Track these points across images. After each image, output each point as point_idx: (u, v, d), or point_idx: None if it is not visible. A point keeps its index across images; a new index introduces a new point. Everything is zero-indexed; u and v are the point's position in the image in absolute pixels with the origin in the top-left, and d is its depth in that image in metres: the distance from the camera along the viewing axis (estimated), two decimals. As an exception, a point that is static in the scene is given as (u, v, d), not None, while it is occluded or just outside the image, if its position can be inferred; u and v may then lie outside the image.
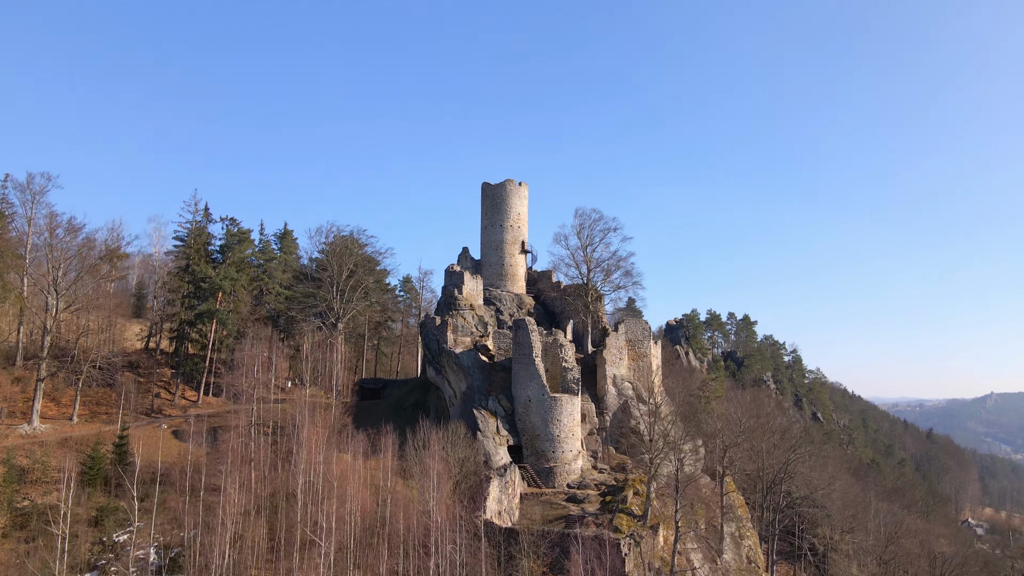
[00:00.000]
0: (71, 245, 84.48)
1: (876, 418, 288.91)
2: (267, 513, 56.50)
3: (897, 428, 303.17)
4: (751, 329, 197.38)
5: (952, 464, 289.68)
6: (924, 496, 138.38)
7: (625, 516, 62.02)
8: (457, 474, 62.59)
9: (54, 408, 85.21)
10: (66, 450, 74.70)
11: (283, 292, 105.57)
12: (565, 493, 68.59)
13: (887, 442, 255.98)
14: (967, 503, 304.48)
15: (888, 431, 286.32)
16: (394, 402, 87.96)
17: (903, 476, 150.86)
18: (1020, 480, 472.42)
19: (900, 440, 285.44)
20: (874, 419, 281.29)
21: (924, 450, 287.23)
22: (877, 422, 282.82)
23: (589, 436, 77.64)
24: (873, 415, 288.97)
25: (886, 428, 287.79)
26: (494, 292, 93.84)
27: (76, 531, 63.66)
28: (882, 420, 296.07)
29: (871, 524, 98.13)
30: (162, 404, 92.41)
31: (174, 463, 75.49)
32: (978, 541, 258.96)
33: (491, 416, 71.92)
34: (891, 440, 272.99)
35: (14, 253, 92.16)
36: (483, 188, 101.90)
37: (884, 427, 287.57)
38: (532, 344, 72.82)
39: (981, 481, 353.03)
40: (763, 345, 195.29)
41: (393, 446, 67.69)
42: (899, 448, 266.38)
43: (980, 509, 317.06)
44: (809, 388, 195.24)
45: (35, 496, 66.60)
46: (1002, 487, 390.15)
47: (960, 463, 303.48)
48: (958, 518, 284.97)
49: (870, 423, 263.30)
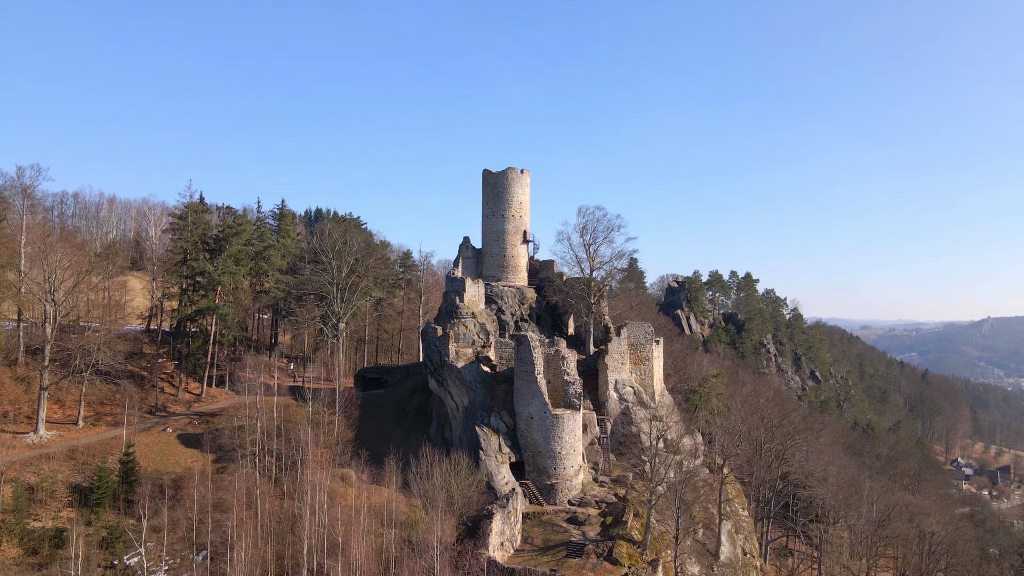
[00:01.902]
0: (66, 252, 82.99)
1: (873, 360, 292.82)
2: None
3: (893, 370, 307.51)
4: (752, 287, 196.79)
5: (945, 405, 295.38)
6: (917, 465, 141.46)
7: (625, 544, 63.21)
8: (460, 504, 63.53)
9: (59, 411, 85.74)
10: (74, 463, 75.74)
11: (282, 280, 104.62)
12: (566, 511, 69.75)
13: (883, 387, 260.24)
14: (958, 441, 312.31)
15: (884, 374, 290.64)
16: (396, 403, 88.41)
17: (897, 445, 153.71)
18: (1011, 409, 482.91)
19: (896, 383, 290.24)
20: (871, 362, 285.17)
21: (919, 391, 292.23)
22: (874, 365, 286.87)
23: (590, 446, 78.40)
24: (870, 357, 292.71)
25: (882, 371, 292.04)
26: (495, 288, 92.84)
27: (88, 554, 65.17)
28: (879, 362, 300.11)
29: (864, 509, 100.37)
30: (166, 400, 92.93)
31: (182, 475, 76.75)
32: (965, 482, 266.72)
33: (493, 434, 72.39)
34: (887, 384, 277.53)
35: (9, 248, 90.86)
36: (484, 176, 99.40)
37: (881, 370, 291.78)
38: (534, 361, 72.52)
39: (972, 415, 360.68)
40: (764, 304, 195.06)
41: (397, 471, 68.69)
42: (894, 392, 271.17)
43: (971, 446, 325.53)
44: (808, 346, 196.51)
45: (45, 517, 67.88)
46: (992, 420, 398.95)
47: (953, 403, 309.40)
48: (949, 458, 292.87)
49: (867, 368, 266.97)
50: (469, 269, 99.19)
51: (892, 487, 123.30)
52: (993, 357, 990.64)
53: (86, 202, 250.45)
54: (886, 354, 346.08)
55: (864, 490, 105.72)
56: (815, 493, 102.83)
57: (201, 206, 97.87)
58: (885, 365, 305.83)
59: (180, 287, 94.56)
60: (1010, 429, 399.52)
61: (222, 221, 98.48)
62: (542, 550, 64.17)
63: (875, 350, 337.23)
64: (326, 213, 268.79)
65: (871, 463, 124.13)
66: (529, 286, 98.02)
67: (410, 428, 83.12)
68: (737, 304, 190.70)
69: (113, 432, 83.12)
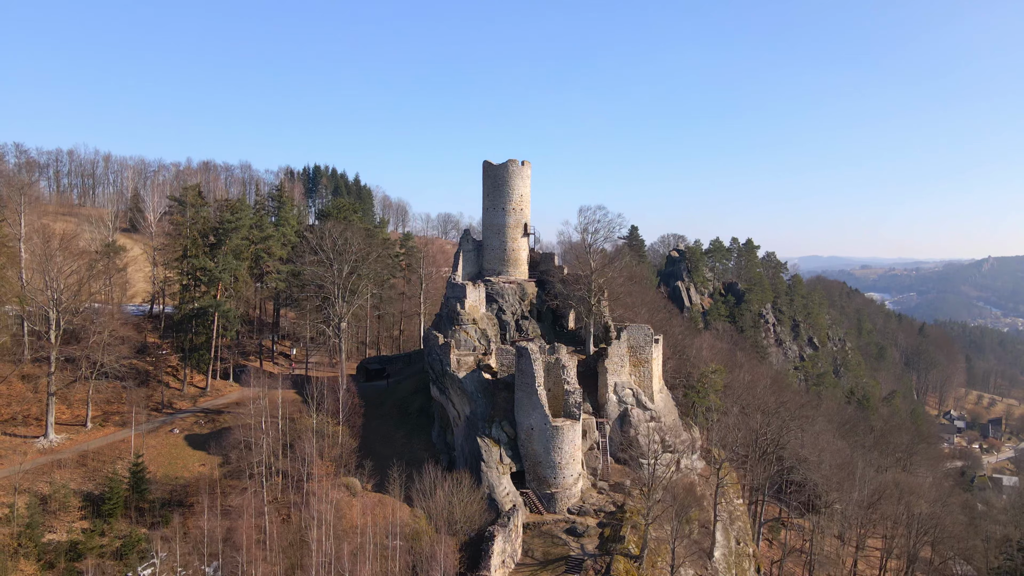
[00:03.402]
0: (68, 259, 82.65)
1: (872, 315, 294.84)
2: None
3: (891, 324, 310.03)
4: (753, 254, 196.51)
5: (941, 357, 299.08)
6: (909, 438, 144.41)
7: (623, 560, 65.34)
8: (462, 520, 65.44)
9: (67, 411, 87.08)
10: (85, 470, 77.49)
11: (283, 269, 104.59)
12: (566, 521, 71.80)
13: (880, 343, 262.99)
14: (952, 393, 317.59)
15: (882, 328, 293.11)
16: (399, 402, 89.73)
17: (892, 418, 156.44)
18: (1006, 354, 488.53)
19: (893, 337, 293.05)
20: (869, 317, 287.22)
21: (915, 345, 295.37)
22: (872, 320, 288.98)
23: (589, 452, 79.96)
24: (869, 312, 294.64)
25: (880, 326, 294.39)
26: (495, 285, 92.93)
27: (102, 567, 67.55)
28: (877, 316, 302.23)
29: (855, 493, 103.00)
30: (171, 395, 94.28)
31: (191, 481, 78.62)
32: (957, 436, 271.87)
33: (494, 445, 73.82)
34: (884, 339, 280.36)
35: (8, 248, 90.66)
36: (484, 167, 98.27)
37: (879, 324, 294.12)
38: (535, 374, 73.31)
39: (968, 364, 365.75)
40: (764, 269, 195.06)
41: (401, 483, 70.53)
42: (891, 347, 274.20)
43: (964, 397, 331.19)
44: (807, 313, 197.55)
45: (60, 529, 69.91)
46: (987, 367, 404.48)
47: (949, 355, 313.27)
48: (942, 410, 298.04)
49: (865, 324, 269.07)
50: (470, 262, 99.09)
51: (884, 464, 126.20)
52: (991, 297, 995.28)
53: (81, 160, 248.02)
54: (885, 305, 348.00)
55: (856, 473, 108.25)
56: (808, 477, 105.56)
57: (200, 200, 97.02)
58: (883, 319, 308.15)
59: (180, 283, 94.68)
60: (1004, 376, 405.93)
61: (220, 215, 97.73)
62: (542, 564, 66.36)
63: (874, 303, 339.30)
64: (324, 171, 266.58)
65: (864, 440, 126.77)
66: (530, 279, 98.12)
67: (413, 430, 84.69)
68: (738, 272, 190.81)
69: (121, 434, 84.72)
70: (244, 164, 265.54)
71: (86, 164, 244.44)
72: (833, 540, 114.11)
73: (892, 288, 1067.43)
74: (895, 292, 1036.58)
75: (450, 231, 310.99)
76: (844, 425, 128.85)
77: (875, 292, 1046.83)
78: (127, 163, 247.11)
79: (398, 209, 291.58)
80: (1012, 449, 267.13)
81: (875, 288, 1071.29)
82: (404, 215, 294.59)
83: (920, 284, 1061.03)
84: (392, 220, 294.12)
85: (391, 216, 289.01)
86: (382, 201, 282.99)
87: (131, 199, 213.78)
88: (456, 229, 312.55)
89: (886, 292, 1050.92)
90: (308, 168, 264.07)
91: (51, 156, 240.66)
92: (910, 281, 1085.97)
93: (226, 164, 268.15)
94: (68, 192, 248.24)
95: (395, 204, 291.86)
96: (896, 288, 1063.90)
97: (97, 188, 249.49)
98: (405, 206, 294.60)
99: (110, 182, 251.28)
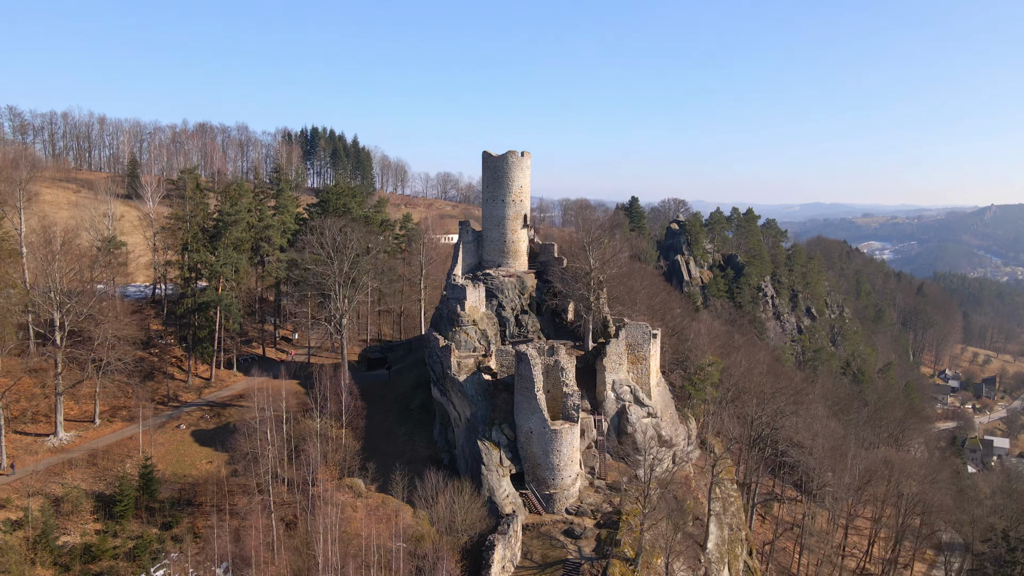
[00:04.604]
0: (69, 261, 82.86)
1: (871, 275, 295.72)
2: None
3: (890, 284, 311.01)
4: (753, 224, 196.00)
5: (938, 317, 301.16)
6: (903, 414, 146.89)
7: (619, 564, 67.67)
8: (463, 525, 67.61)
9: (75, 407, 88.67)
10: (95, 469, 79.44)
11: (283, 258, 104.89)
12: (564, 521, 74.00)
13: (878, 306, 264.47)
14: (947, 351, 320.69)
15: (881, 289, 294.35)
16: (400, 398, 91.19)
17: (887, 393, 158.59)
18: (1004, 306, 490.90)
19: (892, 297, 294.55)
20: (868, 277, 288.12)
21: (913, 305, 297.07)
22: (871, 281, 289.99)
23: (587, 450, 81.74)
24: (868, 272, 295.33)
25: (879, 286, 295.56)
26: (495, 279, 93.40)
27: (116, 568, 70.12)
28: (876, 276, 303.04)
29: (847, 476, 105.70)
30: (176, 388, 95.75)
31: (199, 478, 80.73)
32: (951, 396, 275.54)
33: (495, 447, 75.51)
34: (883, 299, 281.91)
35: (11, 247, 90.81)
36: (484, 158, 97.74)
37: (878, 285, 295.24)
38: (534, 379, 74.47)
39: (965, 320, 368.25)
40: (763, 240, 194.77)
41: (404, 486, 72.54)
42: (889, 308, 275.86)
43: (960, 354, 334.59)
44: (806, 283, 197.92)
45: (74, 531, 72.14)
46: (984, 322, 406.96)
47: (946, 314, 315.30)
48: (937, 369, 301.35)
49: (864, 285, 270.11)
50: (470, 253, 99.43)
51: (876, 440, 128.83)
52: (992, 246, 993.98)
53: (76, 122, 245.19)
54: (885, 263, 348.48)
55: (848, 454, 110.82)
56: (801, 461, 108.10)
57: (199, 192, 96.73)
58: (883, 279, 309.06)
59: (182, 277, 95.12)
60: (1000, 330, 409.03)
61: (220, 207, 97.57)
62: (541, 568, 68.77)
63: (874, 262, 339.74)
64: (322, 132, 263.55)
65: (857, 417, 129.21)
66: (529, 270, 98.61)
67: (414, 427, 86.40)
68: (737, 243, 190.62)
69: (129, 430, 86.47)
70: (241, 126, 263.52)
71: (81, 127, 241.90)
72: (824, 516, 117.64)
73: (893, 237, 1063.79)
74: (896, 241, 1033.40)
75: (449, 191, 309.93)
76: (838, 404, 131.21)
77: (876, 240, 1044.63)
78: (122, 125, 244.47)
79: (397, 169, 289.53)
80: (1004, 409, 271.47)
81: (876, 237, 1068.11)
82: (403, 175, 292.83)
83: (921, 233, 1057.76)
84: (391, 180, 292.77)
85: (390, 177, 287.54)
86: (381, 161, 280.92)
87: (128, 165, 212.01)
88: (456, 188, 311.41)
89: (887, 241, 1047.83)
90: (306, 130, 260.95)
91: (45, 119, 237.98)
92: (911, 230, 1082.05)
93: (223, 126, 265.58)
94: (64, 155, 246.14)
95: (394, 164, 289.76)
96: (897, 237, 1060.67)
97: (93, 151, 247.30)
98: (404, 166, 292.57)
99: (105, 145, 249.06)
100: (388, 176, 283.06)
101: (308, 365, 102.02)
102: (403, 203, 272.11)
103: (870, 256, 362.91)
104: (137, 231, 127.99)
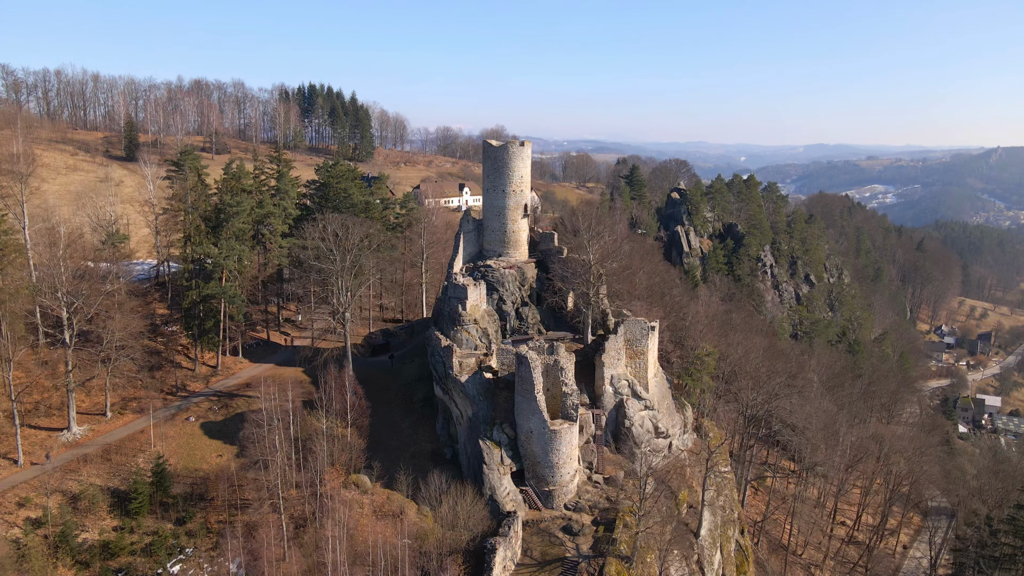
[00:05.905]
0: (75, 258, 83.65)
1: (871, 231, 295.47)
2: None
3: (890, 240, 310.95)
4: (754, 191, 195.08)
5: (937, 273, 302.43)
6: (896, 386, 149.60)
7: (615, 562, 70.77)
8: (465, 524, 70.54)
9: (87, 400, 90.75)
10: (110, 464, 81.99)
11: (284, 245, 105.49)
12: (562, 517, 76.94)
13: (877, 265, 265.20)
14: (944, 306, 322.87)
15: (881, 245, 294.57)
16: (403, 389, 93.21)
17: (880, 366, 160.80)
18: (1004, 254, 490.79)
19: (892, 253, 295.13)
20: (868, 234, 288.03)
21: (912, 261, 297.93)
22: (872, 236, 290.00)
23: (585, 445, 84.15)
24: (868, 229, 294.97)
25: (879, 242, 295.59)
26: (495, 271, 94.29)
27: (134, 564, 73.36)
28: (876, 233, 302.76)
29: (837, 457, 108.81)
30: (184, 377, 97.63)
31: (209, 472, 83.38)
32: (946, 353, 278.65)
33: (495, 447, 77.87)
34: (883, 256, 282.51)
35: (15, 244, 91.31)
36: (484, 148, 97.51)
37: (878, 241, 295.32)
38: (534, 381, 76.27)
39: (964, 272, 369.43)
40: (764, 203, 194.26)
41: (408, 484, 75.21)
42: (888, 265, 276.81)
43: (957, 309, 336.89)
44: (805, 249, 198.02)
45: (92, 528, 75.06)
46: (983, 273, 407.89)
47: (945, 269, 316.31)
48: (934, 325, 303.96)
49: (864, 243, 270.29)
50: (470, 243, 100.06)
51: (868, 414, 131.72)
52: (997, 189, 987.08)
53: (69, 80, 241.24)
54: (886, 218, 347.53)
55: (840, 433, 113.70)
56: (794, 441, 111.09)
57: (200, 185, 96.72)
58: (883, 235, 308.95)
59: (185, 269, 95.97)
60: (999, 281, 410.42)
61: (221, 195, 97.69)
62: (540, 565, 71.92)
63: (875, 217, 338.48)
64: (320, 90, 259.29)
65: (851, 391, 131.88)
66: (530, 259, 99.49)
67: (418, 421, 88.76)
68: (738, 212, 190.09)
69: (140, 423, 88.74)
70: (237, 82, 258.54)
71: (74, 84, 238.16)
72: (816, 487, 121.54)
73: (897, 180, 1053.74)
74: (899, 184, 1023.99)
75: (449, 145, 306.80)
76: (833, 378, 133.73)
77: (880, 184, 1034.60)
78: (117, 83, 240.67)
79: (396, 124, 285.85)
80: (998, 365, 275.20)
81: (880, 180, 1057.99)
82: (402, 130, 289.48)
83: (926, 176, 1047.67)
84: (390, 136, 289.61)
85: (389, 133, 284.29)
86: (379, 117, 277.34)
87: (124, 127, 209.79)
88: (455, 144, 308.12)
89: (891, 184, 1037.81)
90: (303, 87, 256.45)
91: (38, 76, 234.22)
92: (916, 173, 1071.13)
93: (219, 82, 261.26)
94: (58, 113, 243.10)
95: (392, 119, 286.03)
96: (901, 180, 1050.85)
97: (88, 109, 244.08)
98: (403, 121, 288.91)
99: (100, 102, 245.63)
100: (387, 132, 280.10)
101: (313, 350, 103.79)
102: (403, 160, 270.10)
103: (871, 210, 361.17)
104: (136, 201, 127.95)
